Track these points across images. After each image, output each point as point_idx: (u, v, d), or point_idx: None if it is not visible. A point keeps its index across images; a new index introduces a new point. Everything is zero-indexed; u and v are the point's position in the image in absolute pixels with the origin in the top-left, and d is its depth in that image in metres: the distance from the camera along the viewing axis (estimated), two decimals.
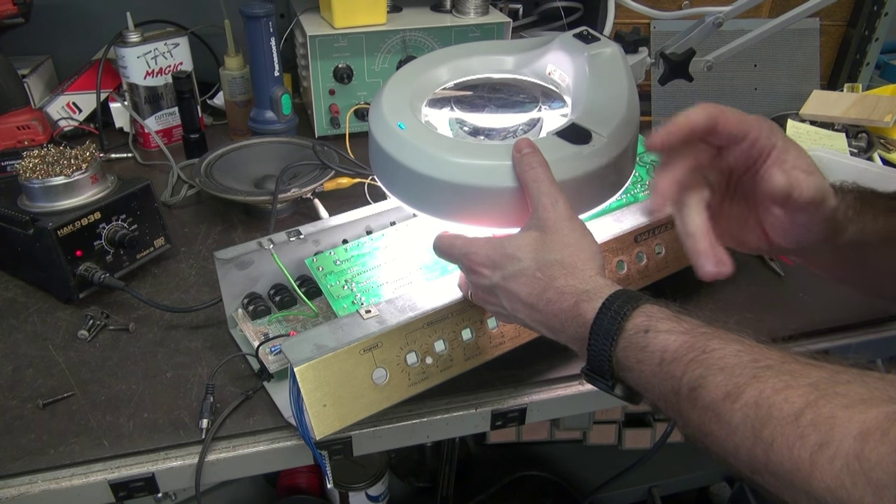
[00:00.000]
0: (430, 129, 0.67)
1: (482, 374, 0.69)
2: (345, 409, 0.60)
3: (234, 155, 1.04)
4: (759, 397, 0.38)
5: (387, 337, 0.62)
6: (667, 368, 0.45)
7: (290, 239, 0.74)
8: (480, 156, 0.61)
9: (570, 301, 0.52)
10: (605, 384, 0.51)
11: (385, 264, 0.71)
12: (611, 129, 0.63)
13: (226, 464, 0.65)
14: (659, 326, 0.47)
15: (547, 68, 0.75)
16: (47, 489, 0.61)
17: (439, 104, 0.73)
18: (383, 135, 0.65)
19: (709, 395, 0.41)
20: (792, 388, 0.37)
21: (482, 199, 0.61)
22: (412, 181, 0.63)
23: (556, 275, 0.54)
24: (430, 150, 0.62)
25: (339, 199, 0.99)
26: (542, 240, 0.55)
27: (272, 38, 1.09)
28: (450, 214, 0.64)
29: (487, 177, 0.60)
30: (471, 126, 0.71)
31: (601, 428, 1.40)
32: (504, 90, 0.76)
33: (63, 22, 1.27)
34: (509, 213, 0.61)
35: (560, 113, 0.72)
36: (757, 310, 0.81)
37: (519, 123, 0.71)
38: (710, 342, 0.44)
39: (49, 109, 1.18)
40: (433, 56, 0.77)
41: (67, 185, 0.80)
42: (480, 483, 1.40)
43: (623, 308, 0.49)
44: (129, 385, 0.70)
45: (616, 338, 0.49)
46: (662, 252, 0.77)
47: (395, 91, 0.70)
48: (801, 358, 0.41)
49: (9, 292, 0.84)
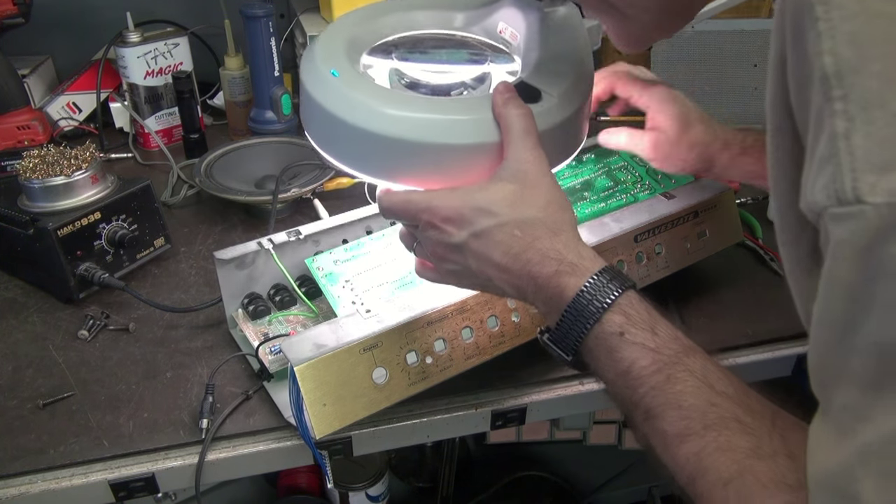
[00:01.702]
0: (368, 79, 0.61)
1: (482, 374, 0.69)
2: (345, 408, 0.60)
3: (234, 155, 1.04)
4: (701, 451, 0.42)
5: (387, 336, 0.62)
6: (630, 382, 0.47)
7: (290, 239, 0.74)
8: (425, 109, 0.55)
9: (552, 268, 0.50)
10: (564, 357, 0.51)
11: (385, 264, 0.71)
12: (562, 90, 0.59)
13: (226, 464, 0.65)
14: (633, 334, 0.47)
15: (498, 26, 0.69)
16: (47, 489, 0.61)
17: (381, 54, 0.67)
18: (314, 82, 0.59)
19: (661, 426, 0.44)
20: (730, 451, 0.41)
21: (424, 155, 0.55)
22: (344, 135, 0.57)
23: (539, 235, 0.51)
24: (366, 99, 0.55)
25: (339, 199, 0.99)
26: (520, 194, 0.52)
27: (272, 38, 1.09)
28: (385, 172, 0.58)
29: (431, 131, 0.55)
30: (411, 78, 0.65)
31: (601, 428, 1.40)
32: (451, 45, 0.70)
33: (63, 22, 1.27)
34: (453, 172, 0.56)
35: (508, 70, 0.68)
36: (757, 310, 0.81)
37: (465, 79, 0.66)
38: (675, 370, 0.46)
39: (49, 109, 1.18)
40: (376, 7, 0.70)
41: (67, 185, 0.80)
42: (480, 483, 1.40)
43: (604, 298, 0.48)
44: (129, 385, 0.70)
45: (590, 327, 0.48)
46: (662, 252, 0.77)
47: (331, 38, 0.63)
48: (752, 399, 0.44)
49: (9, 292, 0.84)
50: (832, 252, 0.32)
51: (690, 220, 0.79)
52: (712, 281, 0.85)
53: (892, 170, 0.29)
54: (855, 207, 0.30)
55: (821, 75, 0.31)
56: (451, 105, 0.58)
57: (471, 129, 0.55)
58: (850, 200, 0.30)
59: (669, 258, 0.78)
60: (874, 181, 0.29)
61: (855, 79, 0.30)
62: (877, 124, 0.29)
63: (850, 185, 0.30)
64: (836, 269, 0.32)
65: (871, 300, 0.31)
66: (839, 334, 0.33)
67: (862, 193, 0.29)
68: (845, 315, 0.32)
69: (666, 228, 0.77)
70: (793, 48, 0.34)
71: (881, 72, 0.30)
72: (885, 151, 0.29)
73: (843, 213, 0.30)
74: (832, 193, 0.31)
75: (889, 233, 0.29)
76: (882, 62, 0.30)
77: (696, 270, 0.82)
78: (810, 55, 0.32)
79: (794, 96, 0.35)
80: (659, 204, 0.78)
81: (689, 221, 0.79)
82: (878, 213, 0.29)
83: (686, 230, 0.79)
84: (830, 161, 0.31)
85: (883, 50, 0.30)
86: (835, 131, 0.30)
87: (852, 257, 0.31)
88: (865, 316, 0.31)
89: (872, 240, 0.30)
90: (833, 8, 0.31)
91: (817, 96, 0.32)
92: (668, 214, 0.76)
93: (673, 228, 0.77)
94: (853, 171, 0.30)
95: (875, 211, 0.29)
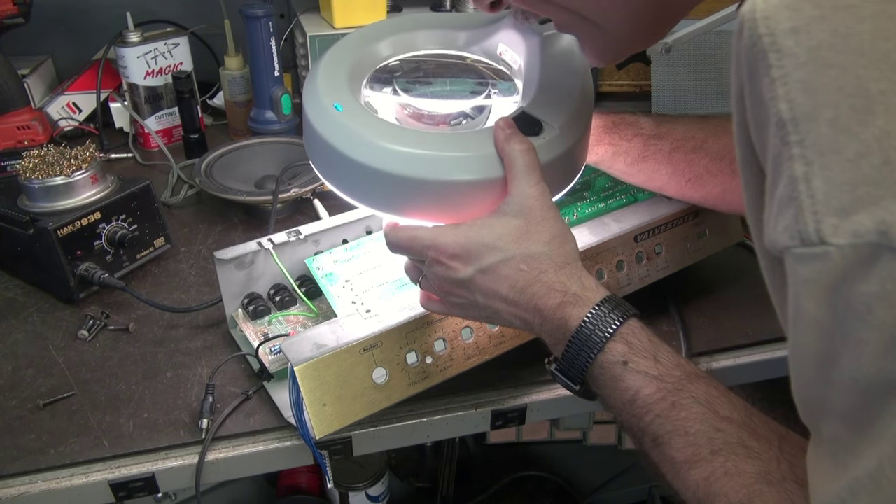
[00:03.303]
0: (371, 111, 0.61)
1: (482, 374, 0.69)
2: (345, 408, 0.60)
3: (234, 155, 1.04)
4: (710, 476, 0.43)
5: (387, 336, 0.62)
6: (636, 410, 0.48)
7: (290, 239, 0.74)
8: (428, 146, 0.56)
9: (557, 300, 0.51)
10: (572, 387, 0.53)
11: (385, 264, 0.71)
12: (563, 120, 0.59)
13: (226, 464, 0.65)
14: (636, 363, 0.48)
15: (498, 48, 0.69)
16: (47, 489, 0.61)
17: (380, 83, 0.67)
18: (318, 116, 0.59)
19: (669, 453, 0.45)
20: (738, 476, 0.42)
21: (428, 191, 0.56)
22: (350, 170, 0.58)
23: (544, 268, 0.52)
24: (370, 136, 0.56)
25: (339, 199, 0.98)
26: (525, 229, 0.53)
27: (272, 38, 1.09)
28: (390, 207, 0.59)
29: (435, 168, 0.55)
30: (413, 108, 0.65)
31: (601, 428, 1.40)
32: (452, 70, 0.70)
33: (63, 22, 1.27)
34: (457, 207, 0.57)
35: (511, 100, 0.67)
36: (757, 310, 0.81)
37: (465, 110, 0.66)
38: (679, 396, 0.46)
39: (49, 109, 1.18)
40: (376, 27, 0.70)
41: (67, 185, 0.80)
42: (480, 483, 1.40)
43: (606, 327, 0.49)
44: (129, 385, 0.70)
45: (594, 356, 0.50)
46: (662, 252, 0.77)
47: (334, 65, 0.63)
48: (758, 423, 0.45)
49: (9, 292, 0.84)
50: (800, 291, 0.32)
51: (690, 220, 0.79)
52: (712, 281, 0.85)
53: (853, 212, 0.29)
54: (819, 248, 0.30)
55: (776, 120, 0.31)
56: (453, 141, 0.58)
57: (474, 166, 0.56)
58: (813, 242, 0.30)
59: (669, 258, 0.78)
60: (836, 223, 0.29)
61: (810, 125, 0.30)
62: (834, 169, 0.30)
63: (812, 226, 0.30)
64: (805, 307, 0.32)
65: (843, 338, 0.31)
66: (816, 370, 0.33)
67: (825, 235, 0.30)
68: (819, 351, 0.33)
69: (666, 228, 0.77)
70: (749, 90, 0.34)
71: (834, 119, 0.30)
72: (844, 195, 0.29)
73: (807, 254, 0.31)
74: (795, 234, 0.31)
75: (853, 272, 0.29)
76: (833, 109, 0.30)
77: (696, 270, 0.82)
78: (766, 100, 0.32)
79: (755, 134, 0.35)
80: (659, 204, 0.78)
81: (689, 221, 0.79)
82: (842, 254, 0.29)
83: (686, 230, 0.79)
84: (791, 204, 0.31)
85: (835, 98, 0.30)
86: (794, 175, 0.31)
87: (819, 296, 0.31)
88: (839, 353, 0.31)
89: (839, 279, 0.30)
90: (785, 56, 0.31)
91: (774, 139, 0.32)
92: (668, 214, 0.76)
93: (673, 228, 0.77)
94: (815, 213, 0.30)
95: (839, 252, 0.29)
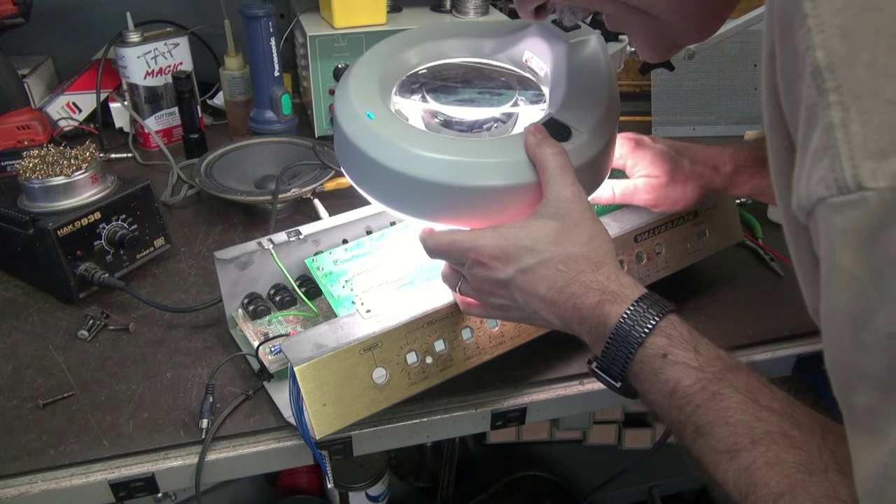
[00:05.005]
0: (403, 119, 0.62)
1: (482, 374, 0.69)
2: (345, 408, 0.60)
3: (234, 155, 1.04)
4: (751, 466, 0.42)
5: (387, 336, 0.62)
6: (677, 401, 0.48)
7: (290, 239, 0.74)
8: (461, 153, 0.57)
9: (595, 298, 0.52)
10: (613, 384, 0.53)
11: (385, 264, 0.71)
12: (591, 125, 0.60)
13: (226, 464, 0.65)
14: (676, 354, 0.48)
15: (524, 55, 0.71)
16: (47, 489, 0.61)
17: (409, 91, 0.69)
18: (351, 124, 0.60)
19: (710, 443, 0.45)
20: (778, 466, 0.41)
21: (463, 197, 0.57)
22: (385, 177, 0.59)
23: (582, 268, 0.53)
24: (403, 144, 0.57)
25: (339, 199, 0.99)
26: (562, 231, 0.54)
27: (272, 38, 1.09)
28: (425, 213, 0.60)
29: (468, 175, 0.57)
30: (444, 116, 0.67)
31: (601, 428, 1.40)
32: (480, 78, 0.72)
33: (63, 22, 1.27)
34: (492, 211, 0.58)
35: (538, 107, 0.69)
36: (757, 310, 0.81)
37: (493, 116, 0.68)
38: (720, 385, 0.46)
39: (49, 109, 1.18)
40: (405, 36, 0.71)
41: (67, 185, 0.80)
42: (480, 483, 1.40)
43: (646, 323, 0.50)
44: (129, 385, 0.70)
45: (634, 351, 0.50)
46: (662, 252, 0.77)
47: (365, 73, 0.65)
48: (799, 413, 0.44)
49: (9, 292, 0.84)
50: (835, 243, 0.31)
51: (690, 220, 0.79)
52: (712, 281, 0.85)
53: (892, 154, 0.29)
54: (856, 195, 0.30)
55: (812, 69, 0.31)
56: (485, 147, 0.59)
57: (506, 171, 0.57)
58: (850, 188, 0.30)
59: (669, 258, 0.78)
60: (875, 167, 0.29)
61: (847, 70, 0.30)
62: (872, 112, 0.30)
63: (850, 172, 0.30)
64: (840, 261, 0.31)
65: (881, 290, 0.30)
66: (851, 331, 0.32)
67: (863, 179, 0.29)
68: (854, 311, 0.32)
69: (666, 228, 0.77)
70: (781, 46, 0.34)
71: (871, 61, 0.30)
72: (882, 137, 0.29)
73: (843, 202, 0.30)
74: (831, 183, 0.30)
75: (892, 217, 0.29)
76: (871, 52, 0.30)
77: (696, 270, 0.82)
78: (800, 51, 0.32)
79: (784, 95, 0.35)
80: None
81: (689, 221, 0.79)
82: (880, 198, 0.29)
83: (686, 230, 0.79)
84: (827, 152, 0.31)
85: (872, 40, 0.30)
86: (830, 122, 0.31)
87: (856, 246, 0.30)
88: (875, 310, 0.31)
89: (876, 227, 0.29)
90: (821, 4, 0.31)
91: (809, 90, 0.32)
92: (668, 214, 0.76)
93: (673, 228, 0.77)
94: (852, 158, 0.30)
95: (878, 196, 0.29)
